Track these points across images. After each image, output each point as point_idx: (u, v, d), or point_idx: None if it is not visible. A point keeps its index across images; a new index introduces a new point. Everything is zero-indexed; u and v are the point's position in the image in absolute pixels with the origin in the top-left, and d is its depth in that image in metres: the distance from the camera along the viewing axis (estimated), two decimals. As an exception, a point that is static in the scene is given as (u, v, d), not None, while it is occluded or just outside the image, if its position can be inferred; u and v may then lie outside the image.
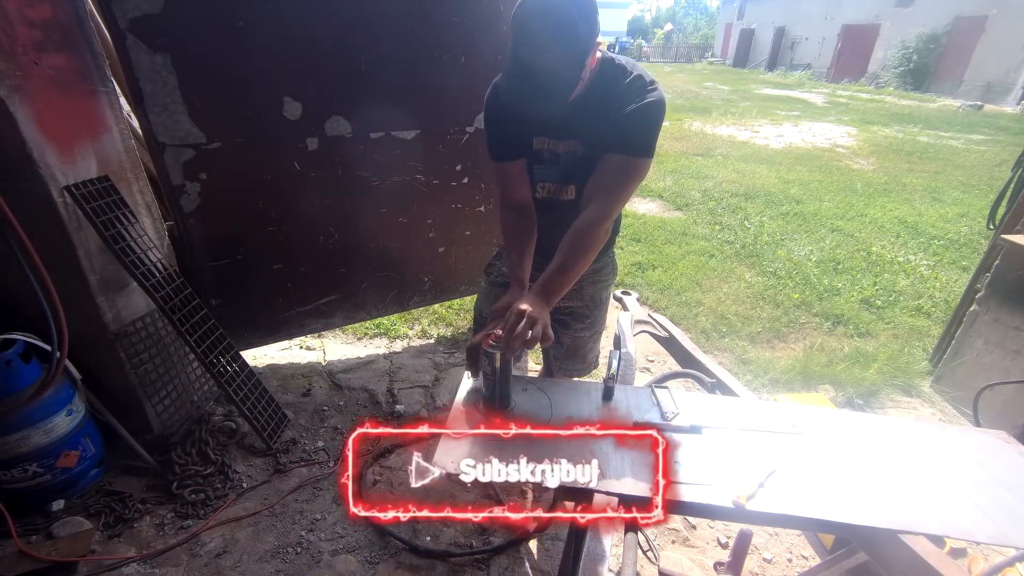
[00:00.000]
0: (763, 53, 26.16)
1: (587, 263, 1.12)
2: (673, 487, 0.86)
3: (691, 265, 3.78)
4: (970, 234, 4.51)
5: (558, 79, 0.99)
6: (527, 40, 0.95)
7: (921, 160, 7.36)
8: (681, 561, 1.67)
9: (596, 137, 1.14)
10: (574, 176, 1.23)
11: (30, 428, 1.64)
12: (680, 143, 8.05)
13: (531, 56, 0.97)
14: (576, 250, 1.10)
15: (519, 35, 0.96)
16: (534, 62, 0.97)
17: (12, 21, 1.48)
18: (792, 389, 2.52)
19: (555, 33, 0.94)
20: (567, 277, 1.09)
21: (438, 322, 3.02)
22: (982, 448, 1.03)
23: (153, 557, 1.64)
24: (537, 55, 0.96)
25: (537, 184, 1.28)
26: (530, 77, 0.98)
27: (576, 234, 1.12)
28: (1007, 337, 2.22)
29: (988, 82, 14.45)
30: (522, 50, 0.97)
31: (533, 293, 1.05)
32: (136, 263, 1.73)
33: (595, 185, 1.16)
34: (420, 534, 1.76)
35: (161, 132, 1.81)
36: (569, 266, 1.09)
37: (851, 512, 0.85)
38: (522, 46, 0.96)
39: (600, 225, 1.12)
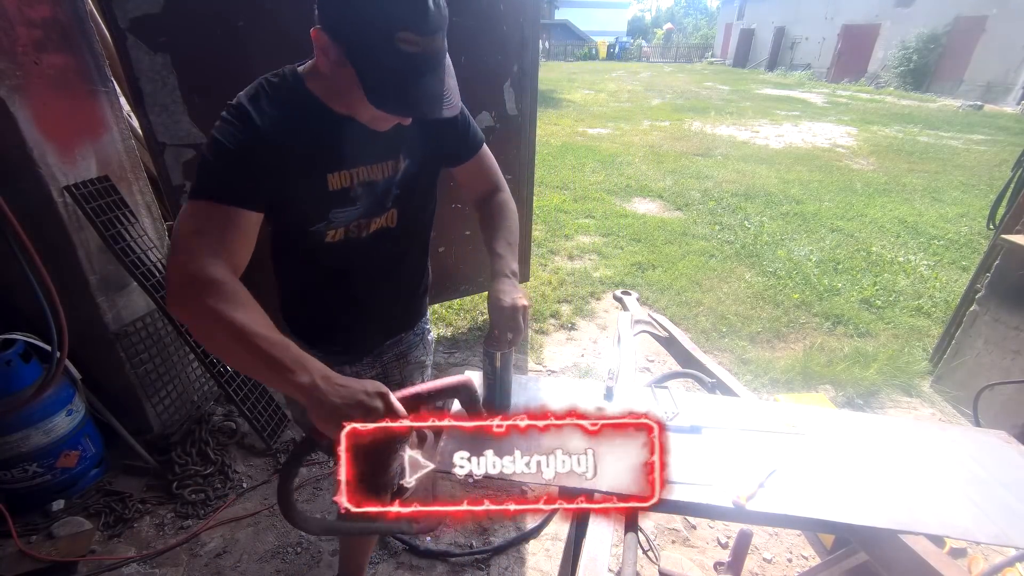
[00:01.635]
0: (763, 53, 26.15)
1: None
2: (668, 468, 0.86)
3: (691, 265, 3.78)
4: (970, 234, 4.51)
5: (447, 67, 0.83)
6: (419, 18, 0.73)
7: (921, 160, 7.36)
8: (681, 561, 1.67)
9: (426, 145, 0.98)
10: (399, 198, 1.00)
11: (30, 428, 1.64)
12: (680, 143, 8.05)
13: (425, 42, 0.75)
14: (510, 225, 1.12)
15: (401, 13, 0.72)
16: (429, 48, 0.76)
17: (12, 21, 1.48)
18: (792, 389, 2.52)
19: (437, 6, 0.75)
20: (516, 251, 1.10)
21: (438, 322, 3.02)
22: (982, 448, 1.03)
23: (153, 557, 1.64)
24: (434, 36, 0.76)
25: (327, 230, 0.94)
26: (428, 72, 0.78)
27: (499, 207, 1.13)
28: (1007, 337, 2.22)
29: (988, 82, 14.44)
30: (406, 34, 0.73)
31: (511, 283, 1.03)
32: (136, 263, 1.73)
33: (477, 180, 1.15)
34: (420, 534, 1.76)
35: (161, 132, 1.81)
36: (514, 240, 1.11)
37: (851, 512, 0.85)
38: (410, 28, 0.72)
39: (509, 196, 1.16)
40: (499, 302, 0.99)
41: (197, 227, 0.77)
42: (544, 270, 3.70)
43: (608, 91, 14.86)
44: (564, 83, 16.42)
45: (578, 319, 3.11)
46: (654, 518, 1.81)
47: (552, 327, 3.02)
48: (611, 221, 4.64)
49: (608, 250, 4.06)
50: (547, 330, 2.99)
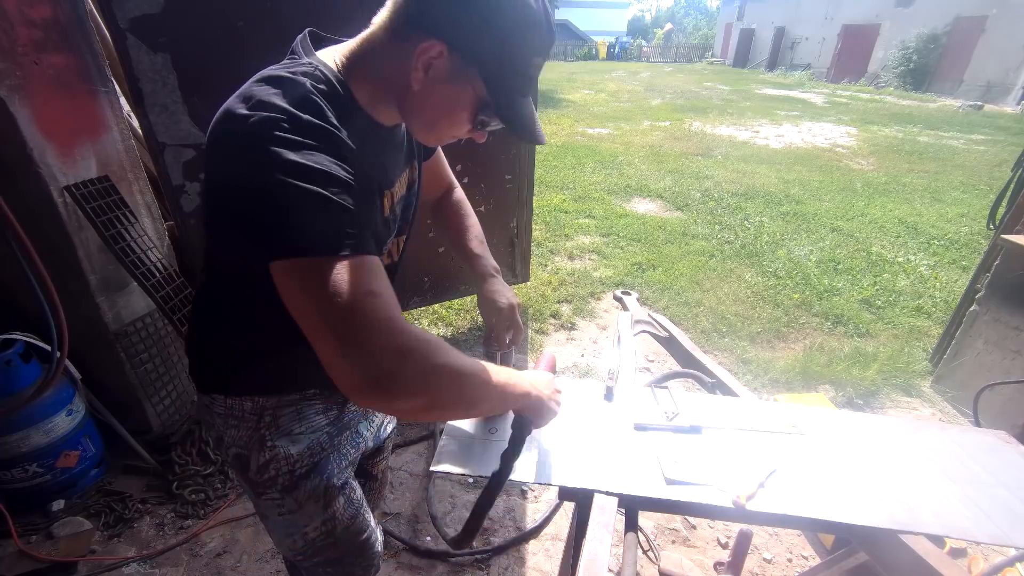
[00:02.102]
0: (763, 53, 26.15)
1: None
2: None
3: (691, 265, 3.78)
4: (970, 234, 4.51)
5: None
6: (548, 43, 0.71)
7: (921, 160, 7.36)
8: (681, 561, 1.67)
9: (417, 146, 0.93)
10: (408, 217, 0.92)
11: (30, 428, 1.64)
12: (680, 143, 8.04)
13: (545, 56, 0.73)
14: (475, 221, 1.11)
15: (539, 39, 0.68)
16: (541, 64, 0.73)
17: (12, 21, 1.48)
18: (792, 389, 2.52)
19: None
20: (487, 247, 1.10)
21: (438, 322, 3.02)
22: (982, 448, 1.03)
23: (153, 557, 1.64)
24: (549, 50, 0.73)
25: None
26: (532, 84, 0.74)
27: (459, 205, 1.12)
28: (1007, 337, 2.22)
29: (988, 82, 14.44)
30: (537, 59, 0.71)
31: (500, 282, 1.04)
32: (136, 263, 1.73)
33: (437, 177, 1.11)
34: (420, 534, 1.76)
35: (161, 132, 1.81)
36: (483, 237, 1.10)
37: (851, 512, 0.85)
38: (540, 53, 0.70)
39: (462, 191, 1.15)
40: (495, 303, 0.99)
41: (368, 288, 0.58)
42: (544, 270, 3.70)
43: (608, 91, 14.86)
44: (564, 83, 16.42)
45: (578, 319, 3.11)
46: (654, 518, 1.81)
47: (552, 327, 3.02)
48: (611, 221, 4.64)
49: (608, 250, 4.06)
50: (547, 330, 2.99)
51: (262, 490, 0.88)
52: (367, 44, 0.71)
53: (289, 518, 0.91)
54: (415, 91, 0.68)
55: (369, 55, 0.70)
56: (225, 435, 0.87)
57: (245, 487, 0.92)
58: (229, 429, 0.86)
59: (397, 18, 0.67)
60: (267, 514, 0.93)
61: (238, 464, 0.88)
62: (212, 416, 0.87)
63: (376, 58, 0.70)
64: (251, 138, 0.57)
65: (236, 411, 0.84)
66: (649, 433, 1.02)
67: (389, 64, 0.69)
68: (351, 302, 0.56)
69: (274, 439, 0.85)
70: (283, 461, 0.86)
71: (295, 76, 0.64)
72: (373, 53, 0.70)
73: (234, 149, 0.60)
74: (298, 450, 0.87)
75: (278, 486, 0.87)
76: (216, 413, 0.85)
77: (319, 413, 0.89)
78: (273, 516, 0.92)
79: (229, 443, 0.87)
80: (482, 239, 1.09)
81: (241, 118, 0.59)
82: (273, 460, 0.86)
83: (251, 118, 0.58)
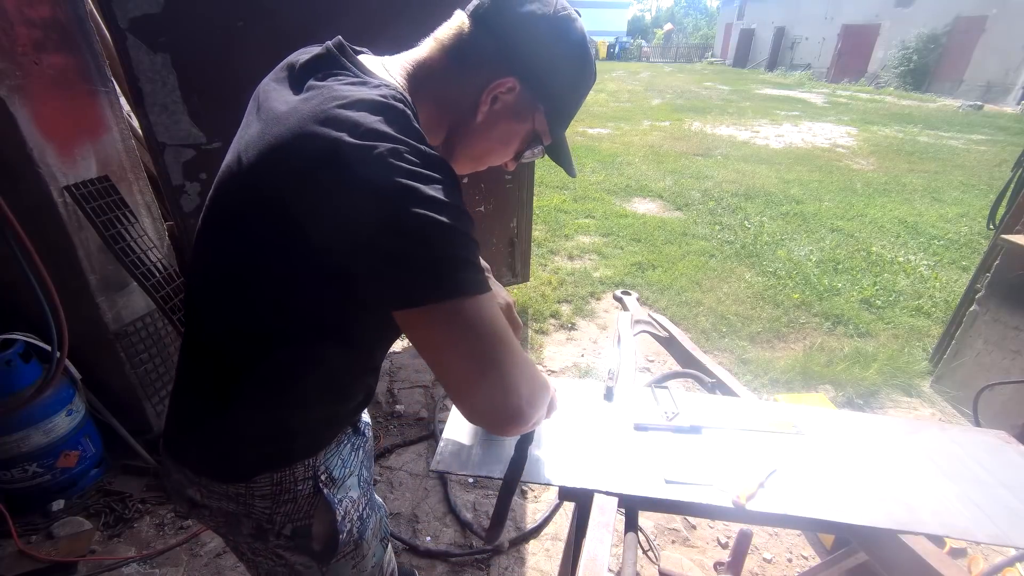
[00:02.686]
0: (763, 53, 26.15)
1: None
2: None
3: (691, 265, 3.78)
4: (970, 234, 4.51)
5: None
6: (595, 76, 0.75)
7: (921, 160, 7.36)
8: (681, 561, 1.67)
9: None
10: None
11: (30, 428, 1.64)
12: (680, 143, 8.04)
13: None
14: None
15: (593, 72, 0.74)
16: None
17: (12, 21, 1.48)
18: (792, 389, 2.52)
19: None
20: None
21: (438, 322, 3.02)
22: (982, 448, 1.02)
23: (153, 557, 1.64)
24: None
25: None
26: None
27: None
28: (1007, 337, 2.22)
29: (988, 82, 14.44)
30: (591, 87, 0.76)
31: (493, 282, 0.99)
32: (136, 263, 1.73)
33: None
34: (420, 534, 1.76)
35: (161, 132, 1.81)
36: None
37: (851, 512, 0.85)
38: (594, 81, 0.76)
39: None
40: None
41: (504, 324, 0.58)
42: (544, 270, 3.70)
43: (608, 91, 14.85)
44: (564, 83, 16.39)
45: (578, 319, 3.11)
46: (654, 518, 1.81)
47: (552, 327, 3.02)
48: (611, 221, 4.64)
49: (608, 250, 4.06)
50: (547, 330, 2.99)
51: (334, 552, 0.78)
52: (426, 67, 0.67)
53: (362, 564, 0.84)
54: (476, 122, 0.68)
55: (430, 79, 0.67)
56: (275, 516, 0.73)
57: (300, 563, 0.79)
58: (281, 506, 0.72)
59: (466, 47, 0.66)
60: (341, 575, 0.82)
61: (299, 537, 0.75)
62: (246, 503, 0.71)
63: (438, 83, 0.67)
64: (381, 173, 0.51)
65: (287, 483, 0.72)
66: (649, 433, 1.02)
67: (454, 91, 0.67)
68: (505, 340, 0.57)
69: (337, 493, 0.76)
70: (352, 511, 0.79)
71: (387, 100, 0.56)
72: (434, 78, 0.67)
73: (356, 187, 0.52)
74: (356, 493, 0.81)
75: (353, 538, 0.80)
76: (257, 496, 0.71)
77: (352, 452, 0.83)
78: (347, 574, 0.83)
79: (282, 521, 0.73)
80: None
81: (358, 149, 0.51)
82: (347, 514, 0.78)
83: (374, 150, 0.51)
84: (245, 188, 0.59)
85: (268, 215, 0.57)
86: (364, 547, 0.83)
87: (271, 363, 0.66)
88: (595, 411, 1.10)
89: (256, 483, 0.70)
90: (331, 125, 0.52)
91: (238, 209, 0.61)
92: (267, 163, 0.56)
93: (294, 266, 0.58)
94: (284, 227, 0.56)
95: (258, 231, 0.59)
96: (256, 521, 0.73)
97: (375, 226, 0.51)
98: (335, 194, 0.52)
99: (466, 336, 0.55)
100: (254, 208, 0.59)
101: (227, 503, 0.72)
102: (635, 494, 0.88)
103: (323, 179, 0.52)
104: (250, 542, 0.77)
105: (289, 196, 0.55)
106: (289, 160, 0.54)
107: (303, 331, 0.64)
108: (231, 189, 0.62)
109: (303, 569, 0.80)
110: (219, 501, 0.72)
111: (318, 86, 0.58)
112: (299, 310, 0.62)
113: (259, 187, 0.57)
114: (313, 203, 0.53)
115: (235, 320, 0.65)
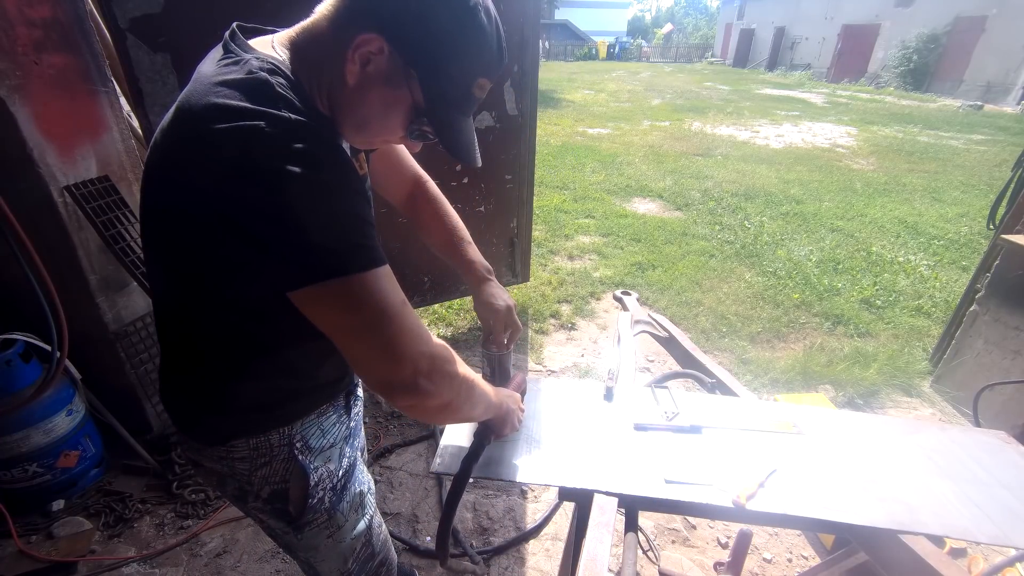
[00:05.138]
0: (763, 53, 26.15)
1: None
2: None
3: (691, 265, 3.78)
4: (970, 234, 4.51)
5: None
6: (497, 65, 0.69)
7: (921, 160, 7.35)
8: (681, 561, 1.67)
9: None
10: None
11: (30, 428, 1.64)
12: (680, 143, 8.04)
13: (488, 88, 0.71)
14: (457, 218, 1.07)
15: (487, 59, 0.67)
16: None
17: (12, 21, 1.48)
18: (792, 389, 2.52)
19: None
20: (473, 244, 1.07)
21: (438, 322, 3.02)
22: (982, 448, 1.03)
23: (153, 557, 1.64)
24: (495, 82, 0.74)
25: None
26: (474, 104, 0.72)
27: (436, 200, 1.05)
28: (1007, 337, 2.22)
29: (988, 82, 14.44)
30: (483, 80, 0.69)
31: (496, 285, 1.02)
32: (136, 263, 1.73)
33: (402, 168, 1.05)
34: (420, 534, 1.76)
35: (161, 132, 1.81)
36: (468, 235, 1.06)
37: (851, 512, 0.85)
38: (487, 75, 0.69)
39: (433, 183, 1.08)
40: (493, 306, 0.99)
41: (399, 297, 0.61)
42: (544, 270, 3.70)
43: (608, 91, 14.85)
44: (564, 83, 16.42)
45: (578, 319, 3.11)
46: (654, 518, 1.81)
47: (552, 327, 3.02)
48: (611, 221, 4.64)
49: (608, 250, 4.06)
50: (547, 330, 2.99)
51: (307, 518, 0.83)
52: (308, 32, 0.67)
53: (338, 535, 0.88)
54: (349, 86, 0.64)
55: (311, 44, 0.66)
56: (253, 477, 0.79)
57: (278, 528, 0.86)
58: (258, 469, 0.78)
59: (339, 7, 0.64)
60: (315, 544, 0.87)
61: (276, 501, 0.81)
62: (228, 465, 0.78)
63: (315, 47, 0.65)
64: (256, 155, 0.53)
65: (263, 448, 0.77)
66: (649, 433, 1.02)
67: (327, 56, 0.64)
68: (390, 313, 0.60)
69: (313, 461, 0.81)
70: (327, 480, 0.84)
71: (252, 75, 0.58)
72: (314, 42, 0.66)
73: (231, 168, 0.53)
74: (335, 465, 0.85)
75: (324, 507, 0.84)
76: (236, 459, 0.77)
77: (334, 424, 0.86)
78: (322, 543, 0.87)
79: (260, 483, 0.79)
80: (468, 238, 1.05)
81: (230, 134, 0.53)
82: (319, 482, 0.82)
83: (245, 133, 0.52)
84: (165, 186, 0.63)
85: (180, 214, 0.60)
86: (339, 518, 0.87)
87: (217, 338, 0.70)
88: (595, 411, 1.10)
89: (235, 447, 0.76)
90: (207, 111, 0.55)
91: (164, 204, 0.64)
92: (168, 163, 0.61)
93: (206, 252, 0.61)
94: (194, 226, 0.59)
95: (175, 227, 0.63)
96: (238, 482, 0.79)
97: (244, 212, 0.54)
98: (211, 185, 0.55)
99: (348, 311, 0.58)
100: (173, 205, 0.62)
101: (215, 463, 0.78)
102: (635, 494, 0.88)
103: (198, 173, 0.56)
104: (235, 503, 0.84)
105: (185, 196, 0.58)
106: (176, 156, 0.59)
107: (232, 310, 0.66)
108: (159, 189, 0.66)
109: (282, 534, 0.87)
110: (209, 461, 0.79)
111: (193, 78, 0.63)
112: (221, 289, 0.64)
113: (173, 186, 0.61)
114: (198, 196, 0.56)
115: (176, 293, 0.69)
